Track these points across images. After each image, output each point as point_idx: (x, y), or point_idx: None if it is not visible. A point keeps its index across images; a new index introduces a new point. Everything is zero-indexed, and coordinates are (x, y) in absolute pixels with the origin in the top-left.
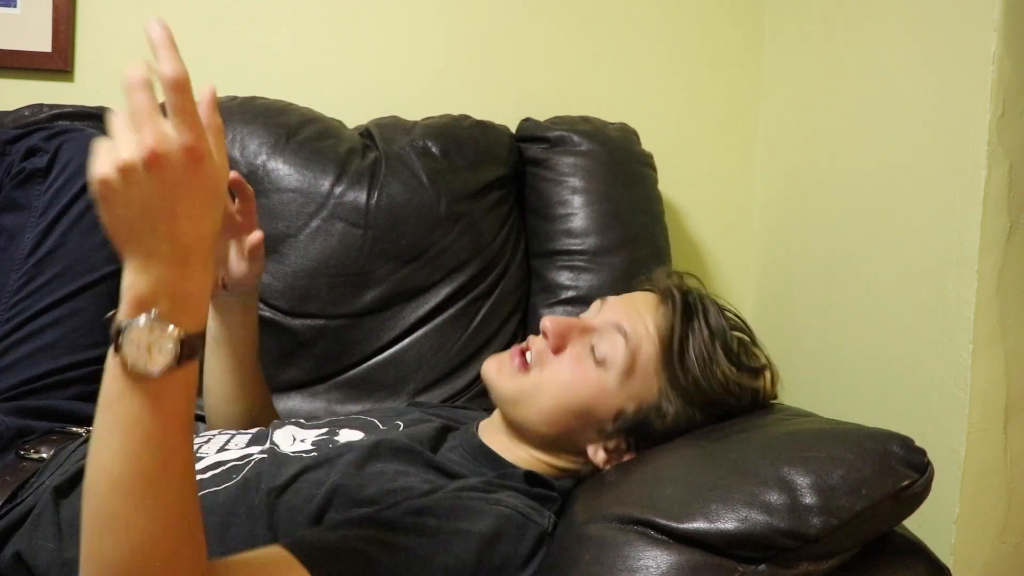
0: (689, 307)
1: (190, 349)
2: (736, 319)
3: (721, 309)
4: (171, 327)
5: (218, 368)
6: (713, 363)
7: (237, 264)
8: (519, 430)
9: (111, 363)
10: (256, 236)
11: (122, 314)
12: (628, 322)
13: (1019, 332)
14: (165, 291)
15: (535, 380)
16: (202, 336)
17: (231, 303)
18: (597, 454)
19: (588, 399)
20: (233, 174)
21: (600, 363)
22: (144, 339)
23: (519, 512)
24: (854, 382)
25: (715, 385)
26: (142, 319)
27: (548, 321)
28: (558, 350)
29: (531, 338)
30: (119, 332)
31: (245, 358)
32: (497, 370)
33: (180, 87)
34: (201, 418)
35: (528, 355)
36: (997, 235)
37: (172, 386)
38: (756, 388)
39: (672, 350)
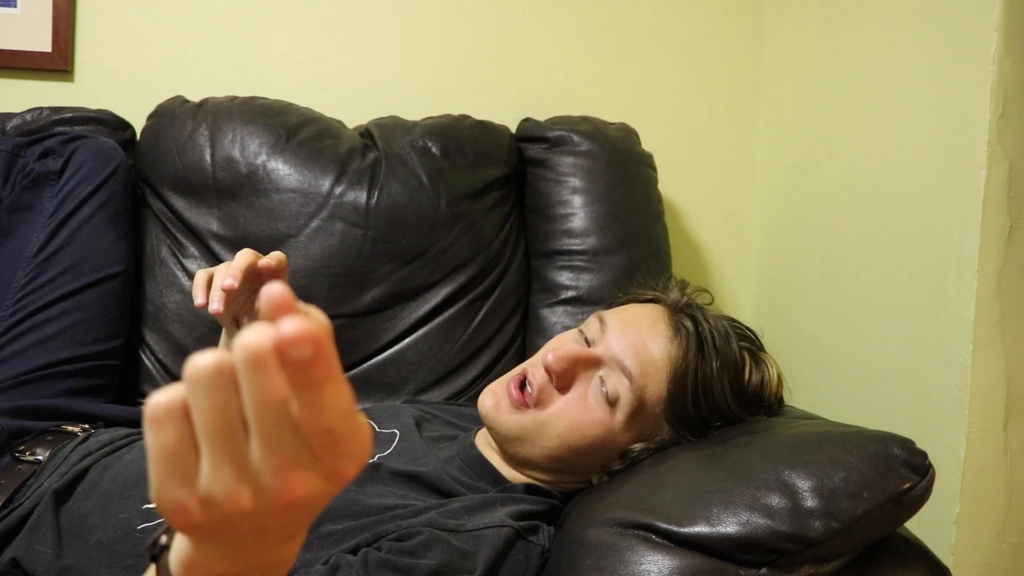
0: (702, 342)
1: None
2: (743, 328)
3: (729, 331)
4: None
5: None
6: (724, 402)
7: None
8: (520, 462)
9: None
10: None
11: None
12: (633, 361)
13: (1019, 332)
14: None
15: (538, 418)
16: None
17: None
18: (601, 480)
19: (595, 440)
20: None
21: (608, 402)
22: None
23: (521, 536)
24: (854, 382)
25: (722, 421)
26: None
27: (552, 357)
28: (563, 389)
29: (529, 369)
30: None
31: None
32: (495, 407)
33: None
34: None
35: (528, 386)
36: (997, 235)
37: None
38: (757, 417)
39: (685, 392)
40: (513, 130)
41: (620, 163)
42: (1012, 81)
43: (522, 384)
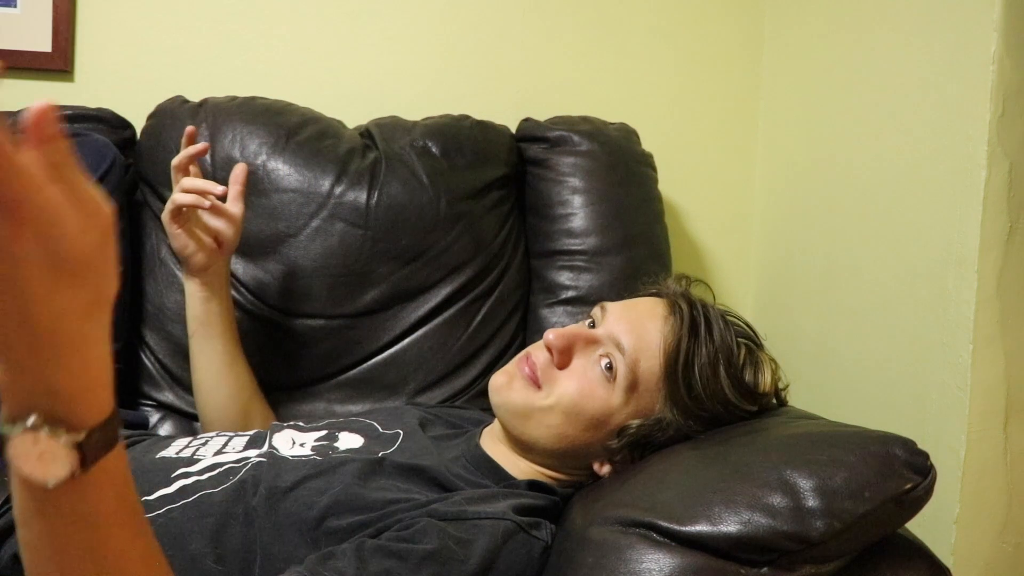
0: (695, 322)
1: (95, 448)
2: (743, 326)
3: (727, 322)
4: (61, 434)
5: (209, 350)
6: (716, 383)
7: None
8: (525, 445)
9: (11, 476)
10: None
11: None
12: (628, 337)
13: (1019, 332)
14: (39, 387)
15: (545, 396)
16: (109, 424)
17: (211, 280)
18: (603, 469)
19: (595, 414)
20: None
21: (607, 377)
22: (31, 450)
23: (523, 530)
24: (854, 382)
25: (717, 405)
26: (18, 427)
27: (552, 335)
28: (563, 366)
29: (532, 350)
30: (2, 441)
31: (230, 330)
32: (507, 384)
33: None
34: (194, 416)
35: (531, 367)
36: (997, 235)
37: (92, 488)
38: (755, 410)
39: (676, 367)
40: (513, 130)
41: (620, 163)
42: (1012, 81)
43: (530, 365)
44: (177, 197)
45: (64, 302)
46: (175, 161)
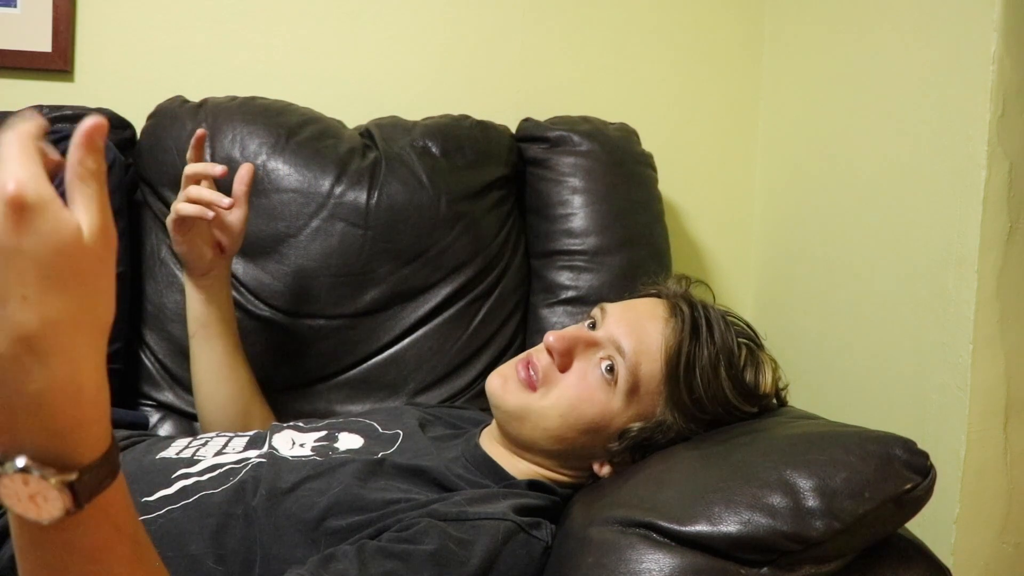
0: (697, 324)
1: (89, 487)
2: (743, 327)
3: (728, 323)
4: (51, 475)
5: (209, 351)
6: (718, 385)
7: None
8: (523, 445)
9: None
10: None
11: None
12: (629, 340)
13: (1019, 332)
14: (30, 420)
15: (542, 398)
16: (105, 461)
17: (212, 283)
18: (602, 470)
19: (594, 418)
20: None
21: (607, 381)
22: (21, 491)
23: (523, 530)
24: (854, 382)
25: (718, 407)
26: (8, 467)
27: (552, 337)
28: (564, 368)
29: (534, 353)
30: None
31: (230, 331)
32: (502, 386)
33: None
34: (194, 417)
35: (533, 370)
36: (997, 235)
37: (89, 524)
38: (756, 412)
39: (678, 370)
40: (513, 130)
41: (620, 163)
42: (1012, 81)
43: (528, 368)
44: (181, 208)
45: (56, 307)
46: (189, 170)
